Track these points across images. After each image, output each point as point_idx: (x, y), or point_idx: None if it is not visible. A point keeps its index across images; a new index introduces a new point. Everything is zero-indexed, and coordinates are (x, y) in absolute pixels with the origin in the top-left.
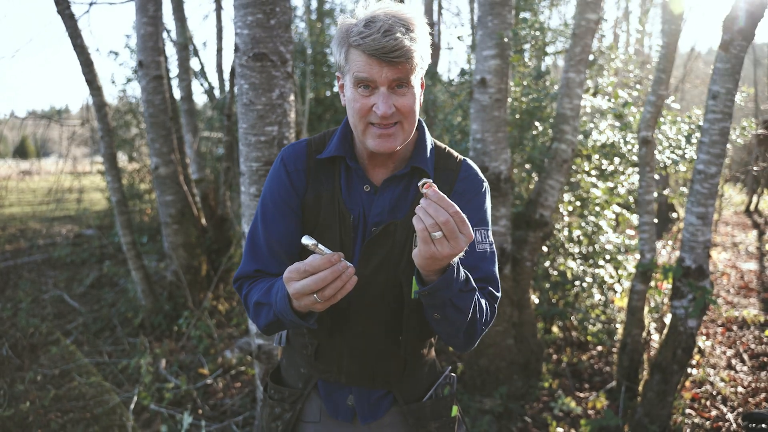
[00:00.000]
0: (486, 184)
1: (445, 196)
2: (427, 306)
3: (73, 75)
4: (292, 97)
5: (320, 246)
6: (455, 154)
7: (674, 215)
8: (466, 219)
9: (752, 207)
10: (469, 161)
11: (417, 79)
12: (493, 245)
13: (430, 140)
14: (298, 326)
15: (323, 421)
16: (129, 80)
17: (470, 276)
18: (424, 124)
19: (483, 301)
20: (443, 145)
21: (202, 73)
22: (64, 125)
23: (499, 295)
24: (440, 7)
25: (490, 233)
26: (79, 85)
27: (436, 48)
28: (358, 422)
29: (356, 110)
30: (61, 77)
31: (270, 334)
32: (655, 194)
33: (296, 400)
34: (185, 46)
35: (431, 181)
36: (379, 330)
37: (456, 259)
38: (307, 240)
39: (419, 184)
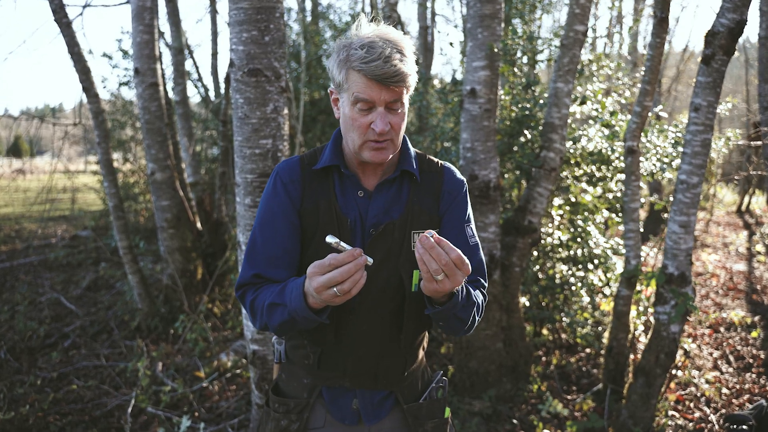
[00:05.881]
0: (466, 184)
1: (447, 242)
2: (435, 318)
3: (67, 73)
4: (285, 111)
5: (342, 243)
6: (435, 159)
7: (666, 216)
8: (465, 259)
9: (744, 207)
10: (448, 164)
11: (407, 97)
12: (477, 236)
13: (412, 149)
14: (310, 323)
15: (327, 426)
16: (122, 84)
17: (470, 289)
18: (406, 138)
19: (479, 299)
20: (422, 152)
21: (198, 78)
22: (56, 124)
23: (486, 283)
24: (433, 13)
25: (474, 226)
26: (74, 84)
27: (429, 52)
28: (363, 425)
29: (356, 128)
30: (55, 75)
31: (282, 334)
32: (643, 200)
33: (302, 409)
34: (180, 50)
35: (433, 231)
36: (382, 327)
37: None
38: (330, 239)
39: (420, 234)
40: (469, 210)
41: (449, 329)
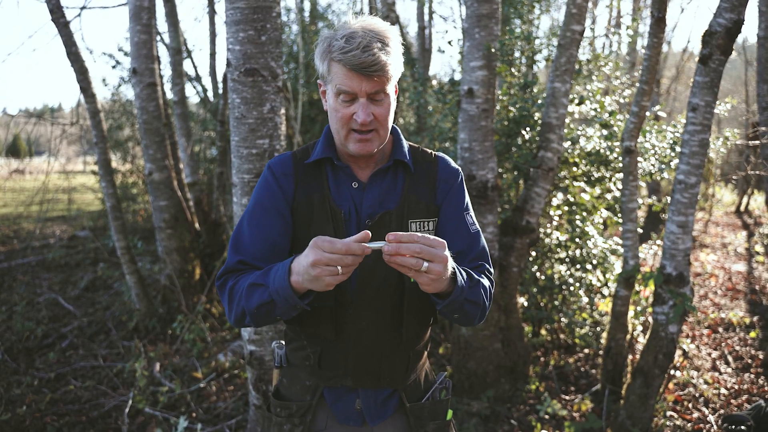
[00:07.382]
0: (461, 173)
1: (400, 233)
2: (448, 312)
3: (67, 74)
4: (282, 111)
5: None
6: (429, 150)
7: (665, 216)
8: (429, 236)
9: (742, 207)
10: (442, 154)
11: (392, 87)
12: (477, 223)
13: (405, 141)
14: (289, 308)
15: (329, 428)
16: (121, 84)
17: (470, 271)
18: (398, 129)
19: (486, 282)
20: (416, 145)
21: (197, 78)
22: (54, 123)
23: (491, 269)
24: (431, 12)
25: (473, 213)
26: (72, 84)
27: (426, 51)
28: (368, 425)
29: (338, 119)
30: (55, 75)
31: (256, 323)
32: (641, 201)
33: (305, 412)
34: (179, 51)
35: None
36: (382, 323)
37: (452, 264)
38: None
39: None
40: (467, 198)
41: (465, 318)
